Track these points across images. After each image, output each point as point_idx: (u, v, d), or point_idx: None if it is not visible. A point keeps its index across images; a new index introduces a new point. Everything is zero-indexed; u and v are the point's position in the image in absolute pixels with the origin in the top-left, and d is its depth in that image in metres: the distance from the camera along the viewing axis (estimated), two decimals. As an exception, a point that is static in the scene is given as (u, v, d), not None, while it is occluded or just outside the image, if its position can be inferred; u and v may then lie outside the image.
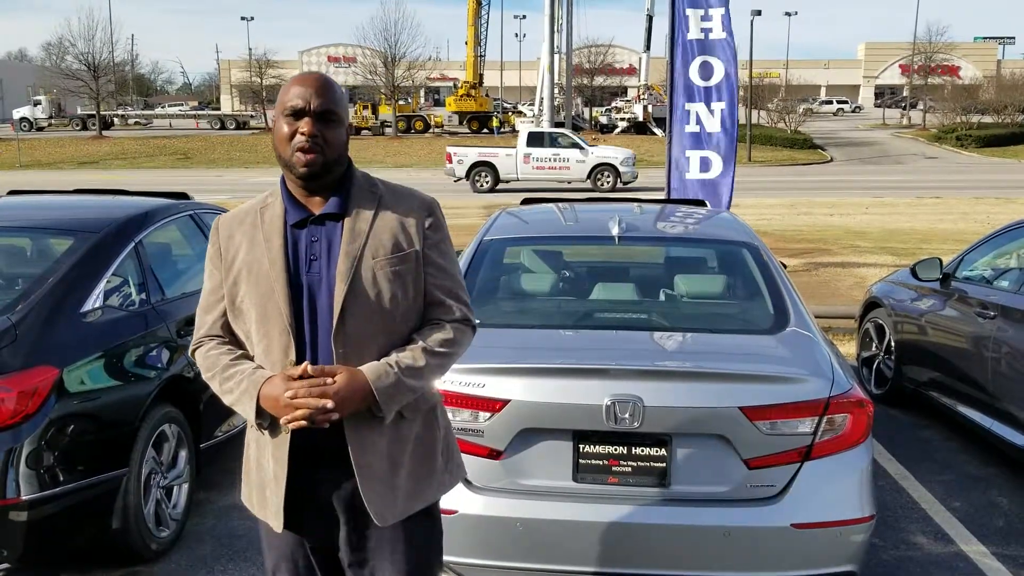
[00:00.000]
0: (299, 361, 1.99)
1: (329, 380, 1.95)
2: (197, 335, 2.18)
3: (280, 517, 2.08)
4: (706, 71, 8.52)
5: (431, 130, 54.06)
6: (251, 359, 2.09)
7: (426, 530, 2.20)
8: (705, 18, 8.48)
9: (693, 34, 8.52)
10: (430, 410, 2.18)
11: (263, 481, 2.13)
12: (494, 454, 3.08)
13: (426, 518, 2.18)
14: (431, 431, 2.18)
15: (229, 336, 2.14)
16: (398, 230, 2.08)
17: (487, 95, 58.05)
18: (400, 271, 2.06)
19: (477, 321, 2.22)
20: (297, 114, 2.01)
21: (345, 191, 2.09)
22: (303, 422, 1.93)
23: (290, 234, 2.07)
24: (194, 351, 2.18)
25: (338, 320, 2.00)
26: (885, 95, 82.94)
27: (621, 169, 25.09)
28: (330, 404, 1.92)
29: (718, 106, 8.57)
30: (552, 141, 25.84)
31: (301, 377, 1.95)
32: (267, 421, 2.04)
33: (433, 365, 2.07)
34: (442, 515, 2.29)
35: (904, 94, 69.33)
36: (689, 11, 8.49)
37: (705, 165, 8.63)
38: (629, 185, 25.26)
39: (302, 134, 2.00)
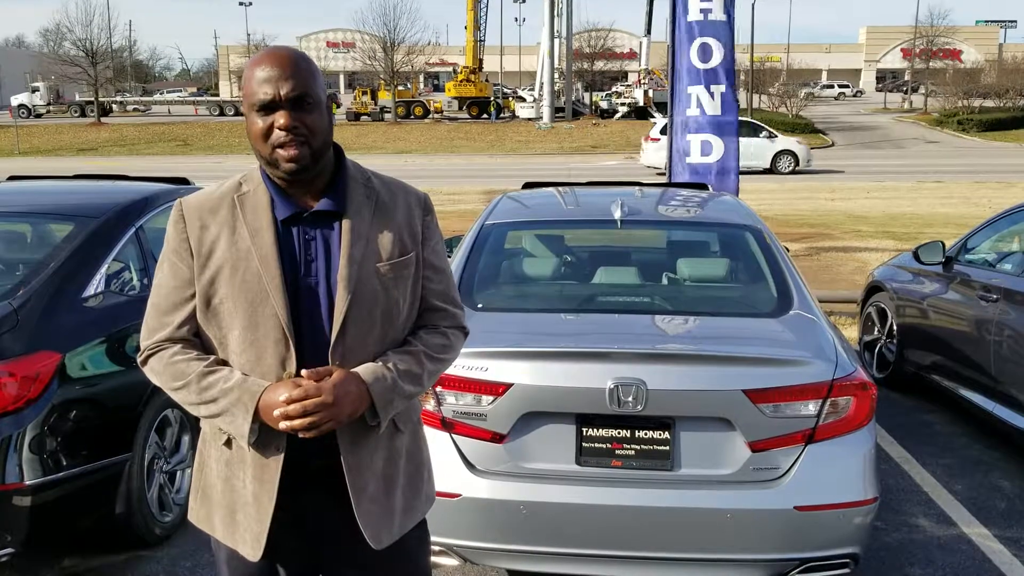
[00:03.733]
0: (299, 373, 1.80)
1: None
2: (153, 338, 1.89)
3: (260, 545, 1.88)
4: (705, 53, 8.46)
5: (430, 116, 53.97)
6: (227, 365, 1.86)
7: (418, 538, 2.07)
8: None
9: (693, 15, 8.46)
10: (417, 421, 2.06)
11: (233, 504, 1.92)
12: (497, 438, 3.08)
13: (417, 527, 2.06)
14: (418, 443, 2.05)
15: (196, 340, 1.90)
16: (399, 231, 1.92)
17: (487, 80, 57.92)
18: (403, 276, 1.91)
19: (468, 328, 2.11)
20: (268, 107, 1.77)
21: (340, 185, 1.89)
22: (306, 429, 1.76)
23: (281, 230, 1.85)
24: (148, 357, 1.89)
25: (339, 331, 1.83)
26: (886, 79, 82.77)
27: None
28: (329, 399, 1.74)
29: (718, 89, 8.51)
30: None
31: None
32: (256, 436, 1.82)
33: (431, 371, 1.95)
34: (446, 499, 2.26)
35: (906, 78, 69.10)
36: (691, -9, 8.43)
37: (706, 149, 8.58)
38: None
39: (280, 129, 1.77)
